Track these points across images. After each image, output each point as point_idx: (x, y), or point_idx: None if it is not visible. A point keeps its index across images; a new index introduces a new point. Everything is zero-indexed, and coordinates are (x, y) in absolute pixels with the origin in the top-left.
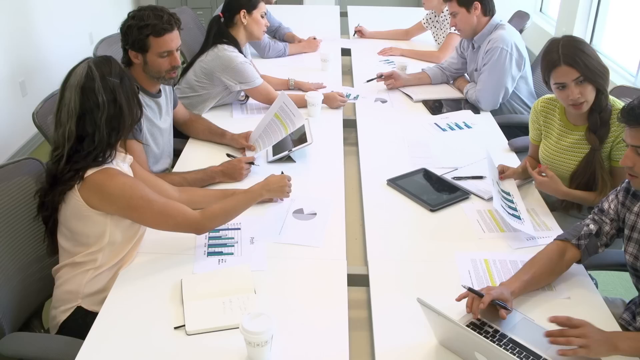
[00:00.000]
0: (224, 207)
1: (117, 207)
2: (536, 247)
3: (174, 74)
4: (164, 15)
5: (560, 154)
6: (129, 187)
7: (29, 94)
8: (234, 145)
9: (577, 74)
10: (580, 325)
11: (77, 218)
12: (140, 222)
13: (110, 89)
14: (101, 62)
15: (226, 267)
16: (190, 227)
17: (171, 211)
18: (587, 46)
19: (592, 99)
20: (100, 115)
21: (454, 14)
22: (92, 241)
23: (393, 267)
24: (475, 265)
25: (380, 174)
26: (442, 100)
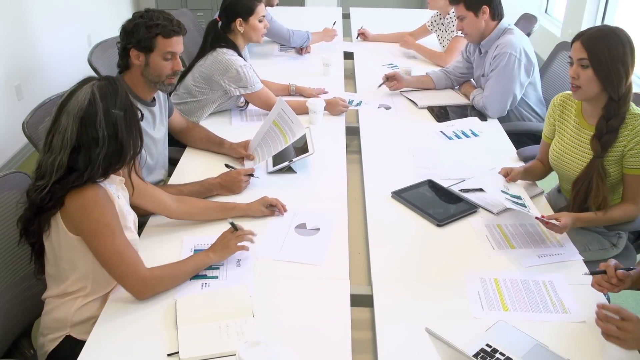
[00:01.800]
0: (172, 271)
1: (82, 229)
2: (548, 265)
3: (173, 79)
4: (173, 19)
5: (571, 152)
6: (100, 209)
7: (25, 98)
8: (232, 155)
9: (585, 55)
10: (626, 319)
11: (58, 243)
12: (95, 252)
13: (112, 123)
14: (107, 91)
15: (223, 288)
16: (136, 284)
17: (128, 257)
18: (619, 46)
19: (591, 90)
20: (99, 151)
21: (461, 17)
22: (78, 268)
23: (398, 287)
24: (484, 285)
25: (384, 185)
26: (448, 106)
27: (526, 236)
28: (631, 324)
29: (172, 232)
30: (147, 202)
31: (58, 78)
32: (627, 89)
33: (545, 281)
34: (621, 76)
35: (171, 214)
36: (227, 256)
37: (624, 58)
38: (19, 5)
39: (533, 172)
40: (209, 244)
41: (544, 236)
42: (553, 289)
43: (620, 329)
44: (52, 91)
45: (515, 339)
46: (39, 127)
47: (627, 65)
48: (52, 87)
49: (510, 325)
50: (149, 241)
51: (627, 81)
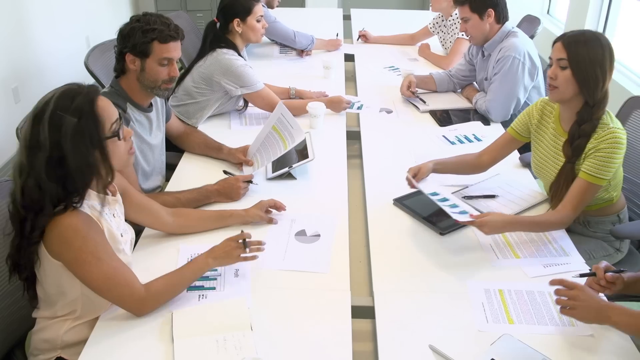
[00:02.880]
0: (168, 282)
1: (64, 258)
2: (555, 276)
3: (170, 85)
4: (171, 24)
5: (549, 159)
6: (81, 238)
7: (22, 101)
8: (231, 160)
9: (564, 56)
10: (573, 288)
11: (46, 271)
12: (83, 280)
13: (57, 126)
14: (66, 93)
15: (220, 300)
16: (133, 304)
17: (120, 279)
18: (599, 50)
19: (567, 92)
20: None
21: (466, 19)
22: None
23: (400, 299)
24: (489, 297)
25: (385, 192)
26: (450, 110)
27: (531, 245)
28: (578, 291)
29: (168, 240)
30: (143, 218)
31: (56, 80)
32: (602, 95)
33: (551, 292)
34: (598, 80)
35: (167, 228)
36: (227, 264)
37: (602, 62)
38: (16, 6)
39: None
40: None
41: (549, 246)
42: None
43: (570, 298)
44: None
45: (521, 353)
46: None
47: (605, 70)
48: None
49: (516, 339)
50: (144, 251)
51: (603, 86)
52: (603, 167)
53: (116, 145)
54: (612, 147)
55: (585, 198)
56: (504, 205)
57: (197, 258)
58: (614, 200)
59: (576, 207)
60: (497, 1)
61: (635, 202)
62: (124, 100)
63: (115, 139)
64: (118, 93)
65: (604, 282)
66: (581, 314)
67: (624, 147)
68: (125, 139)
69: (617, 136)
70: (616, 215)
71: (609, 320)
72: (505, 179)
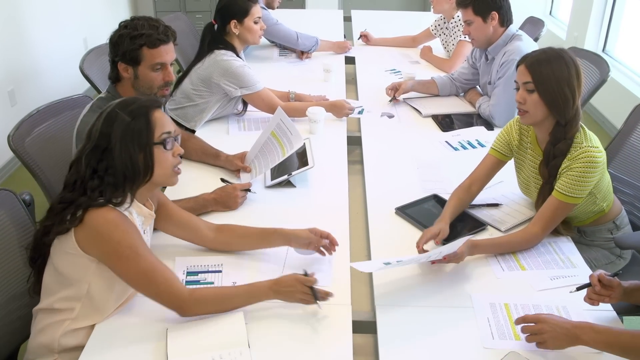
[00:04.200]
0: (219, 294)
1: (101, 251)
2: (562, 289)
3: (167, 90)
4: (160, 26)
5: (533, 180)
6: (120, 231)
7: (19, 104)
8: (228, 168)
9: (529, 79)
10: (537, 321)
11: (63, 253)
12: (120, 275)
13: (110, 120)
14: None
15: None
16: (173, 303)
17: (158, 277)
18: (564, 68)
19: (538, 115)
20: (86, 146)
21: (469, 22)
22: (72, 284)
23: (403, 313)
24: (494, 311)
25: (387, 200)
26: (453, 115)
27: (537, 256)
28: (541, 324)
29: (163, 251)
30: (183, 233)
31: (53, 83)
32: (574, 112)
33: (559, 307)
34: (567, 99)
35: (208, 244)
36: (287, 301)
37: (569, 80)
38: (12, 7)
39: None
40: (202, 265)
41: (556, 257)
42: (567, 315)
43: (536, 333)
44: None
45: None
46: (25, 140)
47: (573, 87)
48: (47, 93)
49: (523, 357)
50: None
51: (574, 104)
52: (575, 186)
53: (162, 154)
54: (585, 166)
55: (556, 217)
56: (508, 214)
57: (258, 284)
58: (606, 210)
59: (545, 225)
60: (501, 4)
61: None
62: None
63: (162, 147)
64: (115, 98)
65: (599, 288)
66: (553, 343)
67: (599, 166)
68: (174, 154)
69: (591, 155)
70: (612, 222)
71: (579, 340)
72: (509, 186)
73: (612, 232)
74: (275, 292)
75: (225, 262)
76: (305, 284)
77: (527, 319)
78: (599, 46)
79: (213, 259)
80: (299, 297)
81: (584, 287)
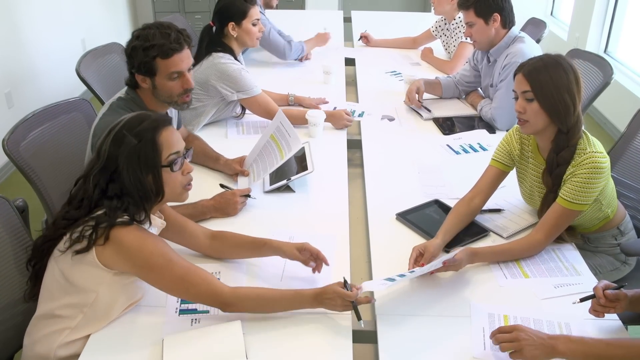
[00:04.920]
0: (261, 295)
1: (133, 265)
2: (565, 298)
3: (187, 97)
4: (172, 33)
5: (536, 189)
6: (150, 244)
7: (16, 106)
8: (226, 172)
9: (528, 88)
10: (511, 330)
11: (76, 262)
12: (157, 284)
13: (118, 142)
14: (139, 114)
15: (214, 324)
16: (215, 301)
17: (194, 278)
18: (562, 75)
19: (539, 124)
20: (94, 167)
21: (470, 24)
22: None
23: (404, 322)
24: (492, 321)
25: (388, 205)
26: (454, 117)
27: (541, 264)
28: (517, 333)
29: None
30: (178, 238)
31: (51, 84)
32: (575, 119)
33: (561, 323)
34: (568, 106)
35: (204, 250)
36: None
37: (569, 87)
38: (9, 7)
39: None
40: None
41: (560, 264)
42: (569, 333)
43: (511, 341)
44: (44, 98)
45: None
46: (20, 144)
47: (573, 94)
48: (45, 94)
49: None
50: None
51: (575, 110)
52: (580, 193)
53: (170, 175)
54: (590, 172)
55: (560, 224)
56: (510, 220)
57: (303, 291)
58: (611, 216)
59: (549, 233)
60: (503, 5)
61: None
62: (140, 109)
63: (169, 169)
64: (134, 101)
65: (604, 301)
66: (529, 353)
67: (604, 172)
68: (184, 172)
69: (595, 161)
70: (616, 228)
71: (555, 352)
72: (511, 191)
73: (616, 238)
74: (319, 302)
75: (222, 269)
76: (346, 299)
77: (502, 329)
78: (600, 47)
79: (210, 266)
80: (340, 305)
81: (588, 298)
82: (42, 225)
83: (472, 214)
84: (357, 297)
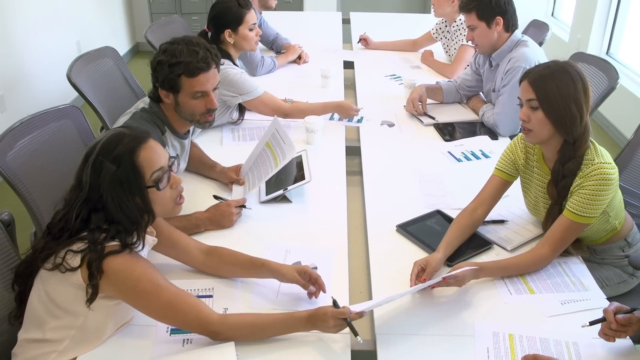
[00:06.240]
0: (252, 322)
1: (119, 290)
2: (573, 315)
3: (210, 117)
4: (200, 51)
5: (541, 200)
6: (138, 268)
7: (9, 110)
8: (221, 180)
9: (533, 96)
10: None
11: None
12: (144, 310)
13: (97, 170)
14: (113, 136)
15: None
16: (203, 329)
17: (183, 305)
18: (570, 83)
19: (543, 133)
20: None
21: (472, 27)
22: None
23: (405, 342)
24: (496, 341)
25: (388, 216)
26: (455, 123)
27: (547, 279)
28: None
29: None
30: (172, 253)
31: (45, 88)
32: (582, 129)
33: (569, 343)
34: (574, 116)
35: (198, 266)
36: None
37: (576, 96)
38: (3, 8)
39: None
40: (193, 290)
41: (567, 279)
42: (577, 354)
43: None
44: (38, 102)
45: None
46: (7, 154)
47: (580, 104)
48: (39, 98)
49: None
50: None
51: (582, 121)
52: (588, 205)
53: (158, 194)
54: (598, 184)
55: (566, 237)
56: (515, 232)
57: (295, 314)
58: (618, 228)
59: (555, 247)
60: (505, 8)
61: None
62: (163, 123)
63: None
64: (158, 115)
65: (615, 326)
66: None
67: (612, 183)
68: (172, 186)
69: (604, 173)
70: (623, 239)
71: None
72: (515, 201)
73: (623, 250)
74: (312, 324)
75: (216, 286)
76: (338, 317)
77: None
78: (602, 49)
79: (204, 282)
80: (333, 330)
81: (599, 321)
82: (30, 238)
83: (474, 226)
84: (349, 313)
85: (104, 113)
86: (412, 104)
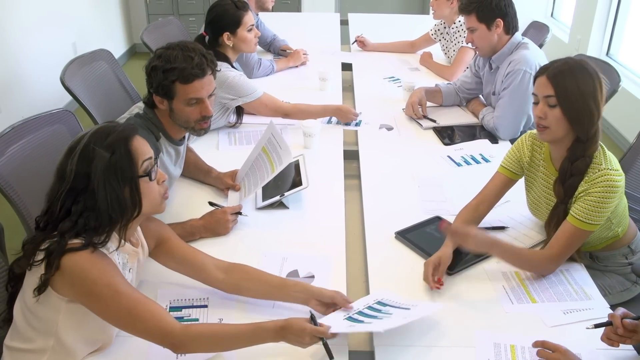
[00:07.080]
0: (215, 332)
1: (76, 292)
2: (576, 325)
3: (206, 124)
4: (195, 57)
5: (543, 200)
6: (96, 270)
7: (4, 113)
8: (218, 186)
9: (552, 92)
10: (555, 351)
11: (30, 279)
12: (102, 316)
13: (87, 159)
14: (102, 127)
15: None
16: (164, 339)
17: (143, 313)
18: (589, 80)
19: (560, 131)
20: (62, 189)
21: (472, 29)
22: (40, 322)
23: (403, 354)
24: (497, 352)
25: (386, 222)
26: (455, 126)
27: (549, 287)
28: (561, 354)
29: (145, 283)
30: (186, 270)
31: (41, 89)
32: (595, 128)
33: None
34: (593, 114)
35: (217, 285)
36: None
37: (594, 93)
38: None
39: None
40: (187, 300)
41: (569, 287)
42: None
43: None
44: (34, 105)
45: None
46: None
47: (598, 102)
48: (34, 100)
49: None
50: None
51: (598, 119)
52: (593, 212)
53: (148, 185)
54: (604, 191)
55: (572, 244)
56: (516, 238)
57: (264, 324)
58: (621, 235)
59: (560, 253)
60: (506, 10)
61: None
62: (158, 129)
63: (147, 179)
64: (152, 121)
65: (622, 331)
66: None
67: (618, 191)
68: (159, 182)
69: (610, 179)
70: (627, 247)
71: None
72: (516, 207)
73: (627, 257)
74: (282, 336)
75: (211, 296)
76: (316, 335)
77: (547, 345)
78: (602, 50)
79: (198, 292)
80: (308, 340)
81: (604, 325)
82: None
83: (477, 221)
84: (330, 334)
85: (98, 117)
86: (412, 107)
